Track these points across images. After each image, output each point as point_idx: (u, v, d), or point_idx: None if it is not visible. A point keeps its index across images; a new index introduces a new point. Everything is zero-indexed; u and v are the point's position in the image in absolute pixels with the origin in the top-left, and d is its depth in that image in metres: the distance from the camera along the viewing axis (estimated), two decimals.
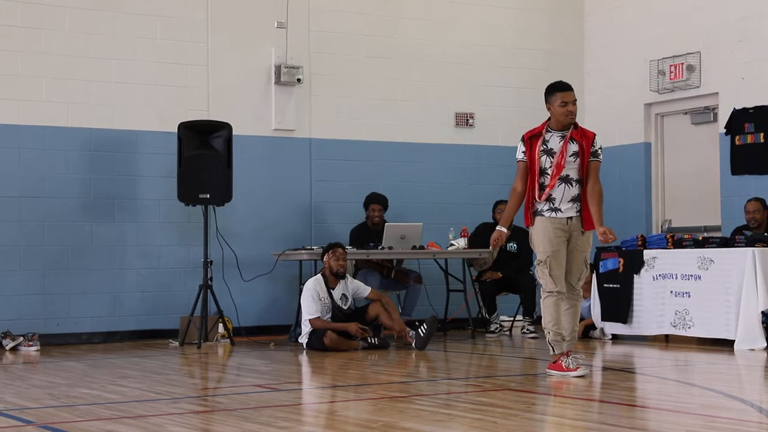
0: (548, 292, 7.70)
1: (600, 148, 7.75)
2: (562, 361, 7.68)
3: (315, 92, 12.40)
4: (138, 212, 11.53)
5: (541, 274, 7.74)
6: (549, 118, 7.78)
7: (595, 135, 7.77)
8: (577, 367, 7.63)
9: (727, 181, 12.14)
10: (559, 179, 7.63)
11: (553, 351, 7.75)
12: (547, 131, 7.72)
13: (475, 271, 12.02)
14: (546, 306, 7.72)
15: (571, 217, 7.69)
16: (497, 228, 7.83)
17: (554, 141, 7.68)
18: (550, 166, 7.64)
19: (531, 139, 7.72)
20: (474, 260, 11.89)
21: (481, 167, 13.19)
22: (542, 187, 7.67)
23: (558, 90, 7.72)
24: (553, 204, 7.67)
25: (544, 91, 7.84)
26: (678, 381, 7.99)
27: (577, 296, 7.82)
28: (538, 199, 7.68)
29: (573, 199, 7.68)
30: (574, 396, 7.00)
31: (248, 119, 11.99)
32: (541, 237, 7.70)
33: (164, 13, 11.72)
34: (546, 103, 7.79)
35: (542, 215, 7.70)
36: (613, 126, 13.30)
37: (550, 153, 7.66)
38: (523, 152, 7.76)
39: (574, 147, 7.65)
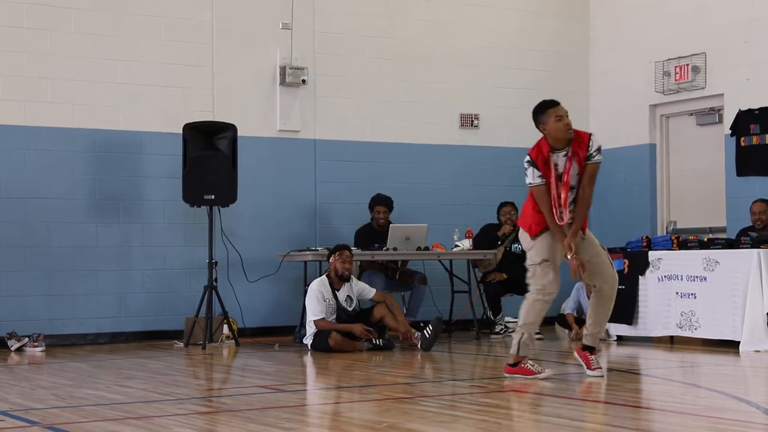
0: (544, 294, 7.56)
1: (597, 148, 7.43)
2: (524, 364, 7.59)
3: (320, 93, 12.40)
4: (143, 213, 11.54)
5: (541, 273, 7.55)
6: (543, 139, 7.45)
7: (590, 135, 7.47)
8: (541, 371, 7.54)
9: (733, 182, 12.14)
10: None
11: (518, 352, 7.60)
12: (552, 152, 7.42)
13: (480, 272, 12.02)
14: (534, 308, 7.59)
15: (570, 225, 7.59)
16: (570, 257, 7.45)
17: (561, 162, 7.42)
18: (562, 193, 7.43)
19: (545, 163, 7.38)
20: (479, 261, 11.89)
21: (486, 168, 13.19)
22: (560, 212, 7.46)
23: (549, 107, 7.43)
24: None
25: (531, 113, 7.52)
26: (683, 382, 7.98)
27: (614, 295, 7.66)
28: (559, 221, 7.44)
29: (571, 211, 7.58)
30: (578, 397, 7.00)
31: (253, 120, 11.99)
32: (545, 245, 7.55)
33: (169, 14, 11.73)
34: (538, 124, 7.47)
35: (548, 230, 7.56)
36: (619, 127, 13.30)
37: (560, 177, 7.42)
38: (539, 176, 7.41)
39: (576, 167, 7.42)
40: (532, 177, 7.46)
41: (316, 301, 10.16)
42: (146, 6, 11.63)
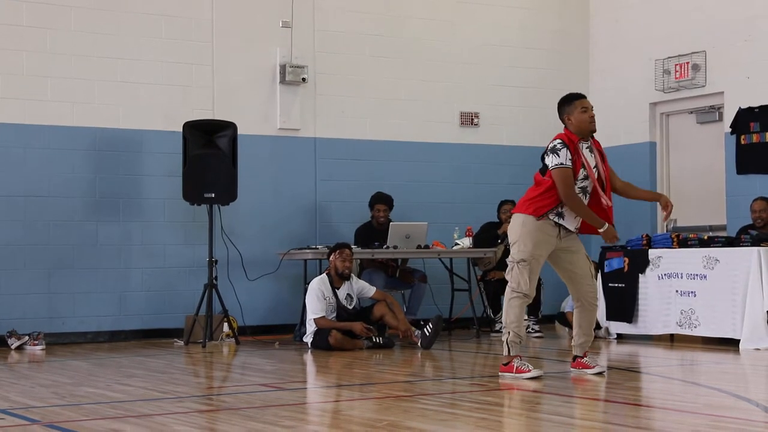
0: (519, 293, 7.55)
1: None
2: (514, 362, 7.59)
3: (320, 92, 12.40)
4: (143, 211, 11.54)
5: (518, 272, 7.54)
6: (567, 131, 7.54)
7: None
8: (530, 369, 7.53)
9: (733, 180, 12.14)
10: (582, 190, 7.53)
11: (509, 352, 7.61)
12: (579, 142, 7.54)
13: (479, 271, 12.02)
14: (512, 306, 7.57)
15: (568, 230, 7.59)
16: (606, 228, 7.53)
17: (586, 153, 7.55)
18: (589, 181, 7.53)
19: (574, 150, 7.43)
20: (479, 259, 11.89)
21: (486, 167, 13.19)
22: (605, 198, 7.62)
23: (576, 98, 7.59)
24: (562, 218, 7.57)
25: (557, 105, 7.66)
26: (683, 380, 7.98)
27: (594, 305, 7.80)
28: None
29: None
30: (579, 395, 7.00)
31: (253, 118, 11.99)
32: (533, 237, 7.52)
33: (169, 12, 11.73)
34: (563, 114, 7.59)
35: (546, 219, 7.54)
36: (619, 125, 13.29)
37: (585, 166, 7.51)
38: (570, 159, 7.42)
39: (597, 158, 7.61)
40: (565, 158, 7.41)
41: (316, 300, 10.17)
42: (146, 4, 11.63)
